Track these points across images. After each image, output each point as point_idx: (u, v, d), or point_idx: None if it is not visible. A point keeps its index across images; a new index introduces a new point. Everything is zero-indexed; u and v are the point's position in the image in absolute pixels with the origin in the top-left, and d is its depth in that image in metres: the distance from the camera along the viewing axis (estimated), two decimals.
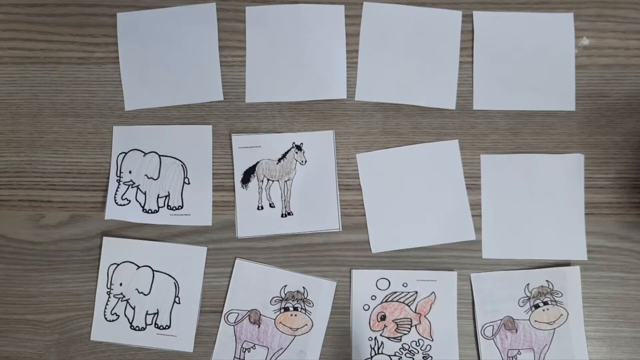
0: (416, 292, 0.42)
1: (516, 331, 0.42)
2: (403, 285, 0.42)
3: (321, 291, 0.42)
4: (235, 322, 0.42)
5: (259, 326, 0.42)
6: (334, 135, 0.43)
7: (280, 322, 0.42)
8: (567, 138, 0.43)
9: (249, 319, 0.42)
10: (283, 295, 0.42)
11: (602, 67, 0.44)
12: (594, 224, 0.42)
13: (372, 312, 0.42)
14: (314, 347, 0.42)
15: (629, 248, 0.42)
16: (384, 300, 0.42)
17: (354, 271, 0.42)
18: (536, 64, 0.44)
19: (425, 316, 0.41)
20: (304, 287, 0.42)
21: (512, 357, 0.41)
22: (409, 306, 0.42)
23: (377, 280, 0.42)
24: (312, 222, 0.42)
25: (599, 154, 0.43)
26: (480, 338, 0.41)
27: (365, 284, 0.42)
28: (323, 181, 0.43)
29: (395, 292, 0.42)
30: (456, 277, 0.42)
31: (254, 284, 0.42)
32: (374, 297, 0.42)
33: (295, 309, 0.42)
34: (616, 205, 0.43)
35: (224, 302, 0.42)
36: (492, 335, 0.42)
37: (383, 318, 0.41)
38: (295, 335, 0.42)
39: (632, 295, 0.42)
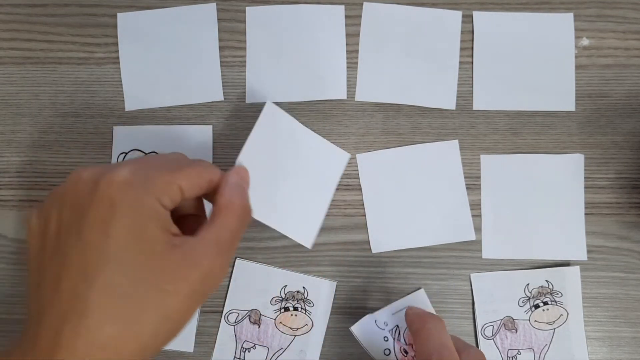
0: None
1: (516, 331, 0.42)
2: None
3: (321, 291, 0.42)
4: (235, 322, 0.42)
5: (259, 326, 0.42)
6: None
7: (280, 322, 0.42)
8: (567, 138, 0.43)
9: (249, 319, 0.42)
10: (283, 295, 0.42)
11: (602, 67, 0.44)
12: (594, 224, 0.42)
13: (393, 350, 0.40)
14: (314, 347, 0.42)
15: (629, 248, 0.42)
16: (395, 338, 0.40)
17: (353, 329, 0.40)
18: (536, 64, 0.44)
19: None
20: (304, 287, 0.42)
21: (512, 357, 0.41)
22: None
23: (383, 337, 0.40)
24: None
25: (599, 154, 0.43)
26: (480, 338, 0.42)
27: (372, 334, 0.40)
28: None
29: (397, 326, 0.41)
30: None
31: (254, 284, 0.42)
32: (386, 339, 0.40)
33: (296, 309, 0.42)
34: (616, 205, 0.43)
35: (224, 302, 0.42)
36: (492, 335, 0.42)
37: (406, 353, 0.40)
38: (295, 335, 0.42)
39: (632, 296, 0.42)
